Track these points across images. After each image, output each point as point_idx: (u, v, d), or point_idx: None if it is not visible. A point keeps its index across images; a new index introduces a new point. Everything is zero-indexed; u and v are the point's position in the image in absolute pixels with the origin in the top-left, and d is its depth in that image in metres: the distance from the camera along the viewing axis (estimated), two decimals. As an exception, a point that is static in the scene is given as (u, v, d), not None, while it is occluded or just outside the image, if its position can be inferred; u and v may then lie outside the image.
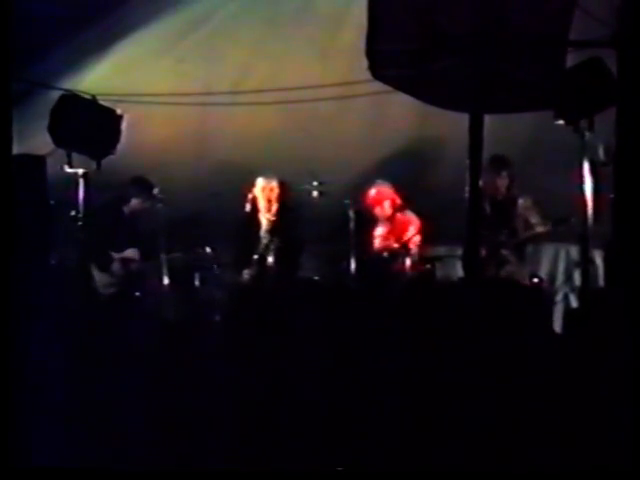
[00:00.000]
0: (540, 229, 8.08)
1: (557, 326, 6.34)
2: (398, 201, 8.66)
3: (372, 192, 8.61)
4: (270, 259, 8.13)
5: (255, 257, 8.13)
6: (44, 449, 4.98)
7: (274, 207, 8.28)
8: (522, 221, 8.15)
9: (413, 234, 8.52)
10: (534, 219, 8.10)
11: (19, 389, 5.08)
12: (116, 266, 8.30)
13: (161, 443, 5.06)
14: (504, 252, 8.13)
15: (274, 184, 8.29)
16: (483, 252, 7.96)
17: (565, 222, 7.62)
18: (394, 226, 8.69)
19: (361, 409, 5.09)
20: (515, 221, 8.14)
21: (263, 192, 8.29)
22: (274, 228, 8.25)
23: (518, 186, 8.17)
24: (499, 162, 8.13)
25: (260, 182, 8.31)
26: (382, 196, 8.65)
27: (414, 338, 5.23)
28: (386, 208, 8.66)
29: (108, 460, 4.95)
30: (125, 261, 8.34)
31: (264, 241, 8.22)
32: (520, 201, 8.17)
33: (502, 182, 8.17)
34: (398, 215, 8.69)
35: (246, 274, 8.12)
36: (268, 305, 5.87)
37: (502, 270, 8.06)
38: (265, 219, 8.29)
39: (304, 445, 4.98)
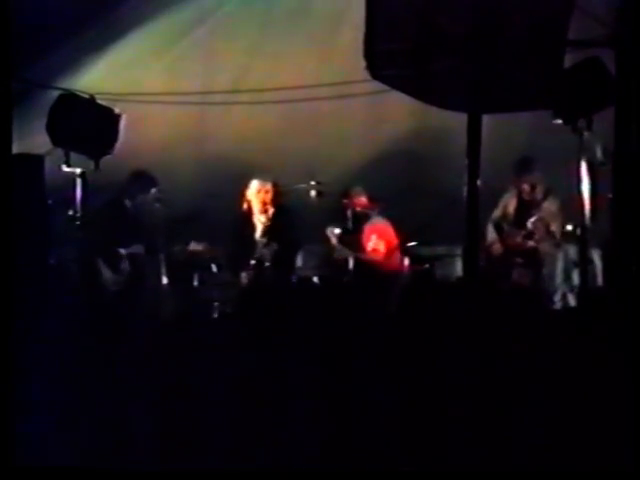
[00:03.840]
0: (552, 241, 8.01)
1: (556, 326, 6.33)
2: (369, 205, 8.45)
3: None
4: (266, 262, 8.07)
5: (251, 261, 8.05)
6: (44, 449, 4.98)
7: (269, 210, 8.16)
8: (543, 225, 8.08)
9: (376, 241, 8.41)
10: (555, 227, 8.03)
11: (20, 388, 5.08)
12: (125, 263, 8.17)
13: (162, 442, 5.06)
14: (515, 254, 8.12)
15: (269, 186, 8.16)
16: (497, 251, 8.06)
17: (573, 235, 7.48)
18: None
19: (360, 409, 5.09)
20: (534, 224, 8.07)
21: (258, 195, 8.17)
22: (269, 231, 8.15)
23: (543, 190, 8.13)
24: (525, 164, 8.12)
25: (254, 185, 8.20)
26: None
27: (412, 338, 5.23)
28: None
29: (108, 460, 4.95)
30: (133, 257, 8.20)
31: (260, 244, 8.14)
32: (545, 204, 8.13)
33: (527, 185, 8.14)
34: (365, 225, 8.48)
35: (243, 277, 8.05)
36: (266, 306, 5.87)
37: (511, 271, 8.06)
38: (260, 222, 8.20)
39: (303, 445, 4.98)
